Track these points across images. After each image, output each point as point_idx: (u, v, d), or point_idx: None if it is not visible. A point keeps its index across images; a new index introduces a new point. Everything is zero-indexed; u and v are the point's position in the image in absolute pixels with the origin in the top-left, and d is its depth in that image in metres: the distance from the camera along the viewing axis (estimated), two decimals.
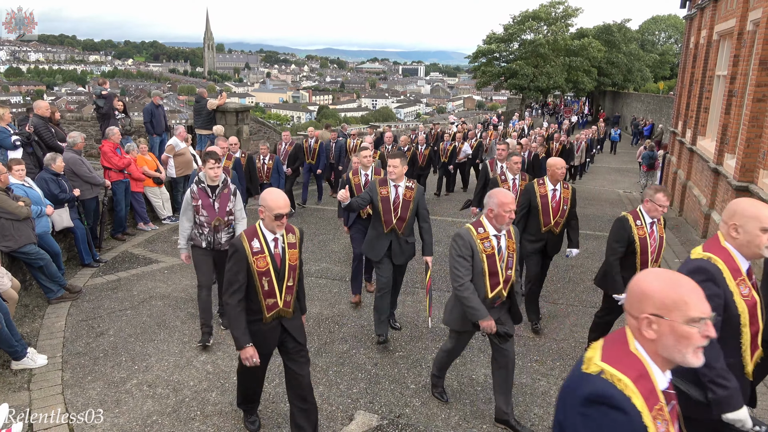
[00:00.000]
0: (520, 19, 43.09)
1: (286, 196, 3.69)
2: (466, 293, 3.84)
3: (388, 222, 5.35)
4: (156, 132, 11.23)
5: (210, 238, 5.19)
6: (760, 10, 8.29)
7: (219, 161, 5.16)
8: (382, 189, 5.37)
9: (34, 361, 4.88)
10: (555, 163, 5.75)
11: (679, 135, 14.11)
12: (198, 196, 5.13)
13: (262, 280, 3.57)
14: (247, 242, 3.57)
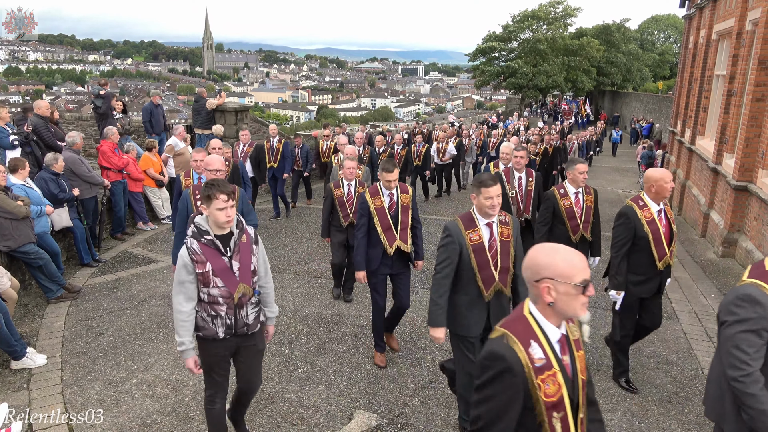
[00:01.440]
0: (519, 18, 43.13)
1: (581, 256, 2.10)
2: None
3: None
4: (155, 131, 11.23)
5: (230, 319, 3.36)
6: (759, 10, 8.30)
7: (232, 196, 3.23)
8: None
9: (34, 361, 4.88)
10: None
11: (678, 134, 14.12)
12: (204, 257, 3.24)
13: None
14: None
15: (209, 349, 3.39)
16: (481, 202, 3.59)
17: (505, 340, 1.99)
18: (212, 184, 3.18)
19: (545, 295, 1.99)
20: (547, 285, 1.97)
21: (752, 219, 8.13)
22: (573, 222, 5.44)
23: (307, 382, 4.73)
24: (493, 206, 3.55)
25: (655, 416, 4.36)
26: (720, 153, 9.71)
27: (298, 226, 10.17)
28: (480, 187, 3.57)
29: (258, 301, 3.49)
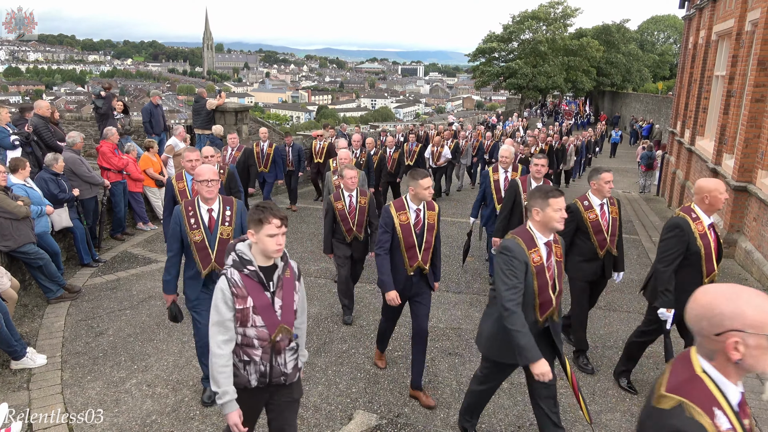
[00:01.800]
0: (519, 19, 43.16)
1: None
2: None
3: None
4: (155, 132, 11.24)
5: (264, 366, 2.88)
6: (759, 11, 8.31)
7: (285, 221, 2.80)
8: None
9: (34, 361, 4.89)
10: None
11: (677, 135, 14.13)
12: (245, 291, 2.77)
13: None
14: None
15: (238, 399, 2.85)
16: (549, 216, 3.24)
17: (688, 414, 1.63)
18: (264, 207, 2.75)
19: (732, 352, 1.64)
20: (736, 339, 1.62)
21: (751, 219, 8.14)
22: (600, 236, 4.98)
23: (307, 383, 4.73)
24: (562, 219, 3.25)
25: None
26: (719, 153, 9.72)
27: (298, 226, 10.17)
28: (547, 198, 3.22)
29: (296, 346, 2.99)
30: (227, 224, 4.14)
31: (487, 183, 7.10)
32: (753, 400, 4.58)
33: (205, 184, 4.03)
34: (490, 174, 7.09)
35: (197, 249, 4.09)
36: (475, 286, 7.22)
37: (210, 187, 4.03)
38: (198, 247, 4.09)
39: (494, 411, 4.38)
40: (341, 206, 5.75)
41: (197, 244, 4.08)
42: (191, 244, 4.08)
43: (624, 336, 5.78)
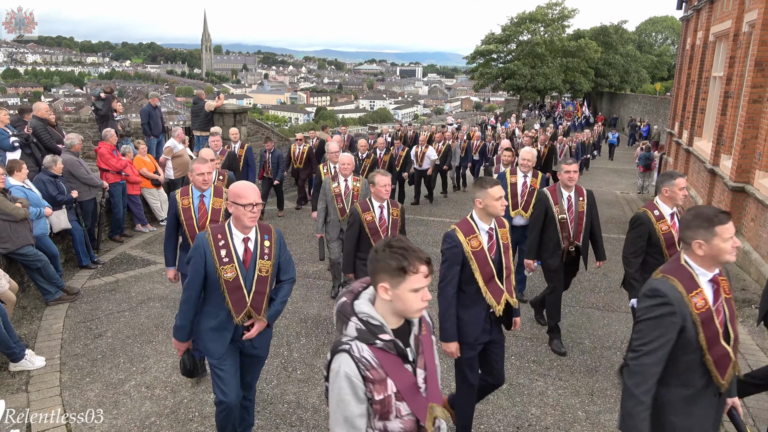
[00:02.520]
0: (517, 20, 43.24)
1: None
2: None
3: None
4: (153, 133, 11.24)
5: None
6: (756, 12, 8.33)
7: (432, 267, 2.02)
8: None
9: (32, 363, 4.88)
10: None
11: (675, 136, 14.16)
12: (383, 372, 1.95)
13: None
14: None
15: None
16: (718, 249, 2.47)
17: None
18: (404, 249, 1.94)
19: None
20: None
21: (749, 220, 8.15)
22: (672, 251, 4.28)
23: (306, 384, 4.73)
24: (734, 250, 2.50)
25: None
26: (717, 154, 9.74)
27: (296, 227, 10.18)
28: (713, 227, 2.46)
29: None
30: (266, 258, 3.36)
31: (503, 185, 6.33)
32: (751, 400, 4.59)
33: (249, 209, 3.19)
34: (507, 176, 6.40)
35: (229, 290, 3.28)
36: None
37: (254, 213, 3.22)
38: (230, 287, 3.28)
39: (493, 412, 4.38)
40: (371, 218, 5.09)
41: (229, 284, 3.28)
42: (221, 283, 3.28)
43: (622, 336, 5.79)
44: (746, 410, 4.44)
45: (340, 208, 6.33)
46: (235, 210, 3.22)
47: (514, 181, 6.38)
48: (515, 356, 5.33)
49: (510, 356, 5.33)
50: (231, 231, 3.30)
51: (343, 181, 6.31)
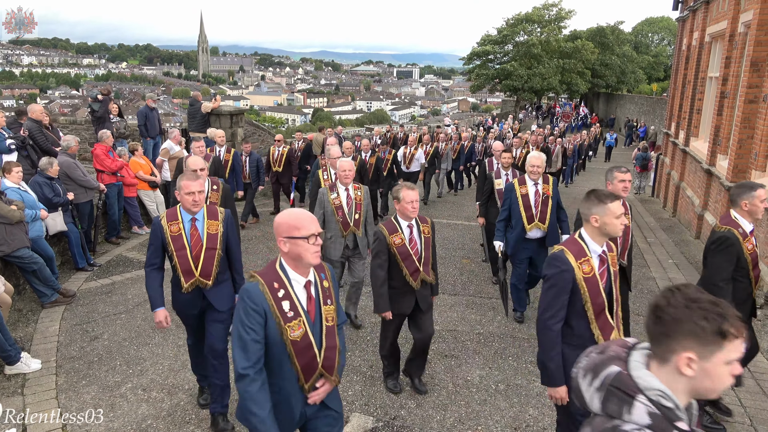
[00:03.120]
0: (513, 21, 43.31)
1: None
2: None
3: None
4: (150, 135, 11.22)
5: None
6: (751, 12, 8.35)
7: None
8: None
9: (28, 366, 4.86)
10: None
11: (672, 136, 14.18)
12: None
13: None
14: None
15: None
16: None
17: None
18: (716, 303, 1.47)
19: None
20: None
21: None
22: (756, 271, 3.97)
23: None
24: None
25: None
26: (713, 154, 9.76)
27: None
28: None
29: None
30: (329, 302, 2.69)
31: (513, 198, 5.94)
32: (749, 400, 4.59)
33: (312, 241, 2.53)
34: (515, 187, 5.94)
35: (297, 352, 2.55)
36: (471, 289, 7.22)
37: (317, 246, 2.57)
38: (299, 348, 2.55)
39: (491, 413, 4.38)
40: (400, 241, 4.21)
41: (297, 344, 2.54)
42: (287, 346, 2.52)
43: None
44: (744, 410, 4.45)
45: (342, 222, 5.51)
46: (293, 247, 2.52)
47: (525, 191, 5.90)
48: (512, 357, 5.33)
49: (507, 357, 5.33)
50: (288, 275, 2.58)
51: (344, 191, 5.52)
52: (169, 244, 3.82)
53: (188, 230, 3.86)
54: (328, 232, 5.60)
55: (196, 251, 3.84)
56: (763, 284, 7.04)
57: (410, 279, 4.23)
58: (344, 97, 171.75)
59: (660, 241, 10.04)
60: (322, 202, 5.58)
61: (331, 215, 5.54)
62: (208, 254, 3.87)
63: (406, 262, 4.23)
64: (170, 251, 3.84)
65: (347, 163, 5.53)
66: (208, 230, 3.89)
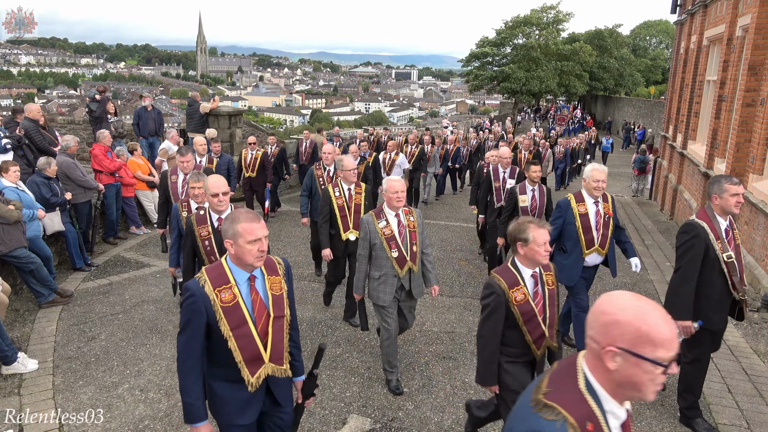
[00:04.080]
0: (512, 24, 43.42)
1: None
2: None
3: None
4: (141, 134, 11.18)
5: None
6: (749, 16, 8.38)
7: None
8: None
9: (25, 366, 4.85)
10: None
11: (670, 139, 14.22)
12: None
13: None
14: None
15: None
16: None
17: None
18: None
19: None
20: None
21: (743, 223, 8.19)
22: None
23: None
24: None
25: (648, 419, 4.38)
26: (711, 157, 9.78)
27: (291, 230, 10.15)
28: None
29: None
30: None
31: (569, 217, 5.03)
32: (746, 403, 4.60)
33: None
34: (572, 205, 5.02)
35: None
36: (468, 290, 7.22)
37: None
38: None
39: None
40: (522, 297, 3.30)
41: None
42: None
43: None
44: (740, 413, 4.46)
45: (398, 258, 4.48)
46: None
47: (584, 210, 4.99)
48: None
49: None
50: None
51: (394, 217, 4.49)
52: (222, 321, 2.61)
53: (247, 296, 2.71)
54: (376, 270, 4.49)
55: (262, 325, 2.73)
56: (760, 288, 7.06)
57: (532, 345, 3.39)
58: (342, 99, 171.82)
59: (657, 243, 10.06)
60: (367, 233, 4.48)
61: (381, 249, 4.45)
62: (277, 326, 2.77)
63: (529, 325, 3.46)
64: (223, 331, 2.63)
65: (398, 183, 4.39)
66: (271, 291, 2.78)
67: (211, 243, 4.25)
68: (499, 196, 7.66)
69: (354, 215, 5.80)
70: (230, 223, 2.65)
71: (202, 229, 3.96)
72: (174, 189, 6.51)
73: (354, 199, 5.82)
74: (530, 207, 6.42)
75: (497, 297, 3.27)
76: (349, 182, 5.78)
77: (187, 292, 2.67)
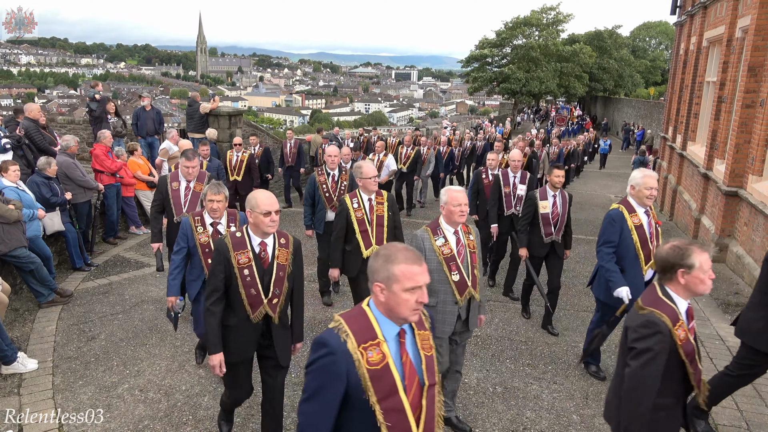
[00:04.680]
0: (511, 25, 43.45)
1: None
2: None
3: None
4: (140, 134, 11.18)
5: None
6: (749, 17, 8.39)
7: None
8: None
9: (25, 366, 4.85)
10: None
11: (669, 140, 14.23)
12: None
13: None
14: None
15: None
16: None
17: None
18: None
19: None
20: None
21: (742, 224, 8.20)
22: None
23: (300, 387, 4.71)
24: None
25: None
26: (711, 159, 9.79)
27: (290, 230, 10.15)
28: None
29: None
30: None
31: (625, 231, 4.57)
32: (745, 404, 4.61)
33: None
34: (626, 216, 4.56)
35: None
36: None
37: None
38: None
39: (488, 415, 4.38)
40: (684, 336, 2.77)
41: None
42: None
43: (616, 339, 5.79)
44: (740, 414, 4.46)
45: (458, 284, 3.84)
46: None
47: (638, 222, 4.56)
48: (510, 360, 5.34)
49: (505, 360, 5.33)
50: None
51: (453, 235, 3.89)
52: (369, 390, 2.10)
53: (396, 356, 2.22)
54: (433, 295, 3.79)
55: (414, 396, 2.29)
56: None
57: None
58: (342, 99, 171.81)
59: None
60: (423, 251, 3.83)
61: (437, 272, 3.80)
62: (430, 397, 2.25)
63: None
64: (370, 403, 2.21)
65: (462, 195, 3.83)
66: (423, 351, 2.29)
67: (252, 273, 3.43)
68: (509, 203, 7.09)
69: (377, 229, 5.15)
70: (384, 262, 2.09)
71: (240, 255, 3.34)
72: (175, 198, 5.65)
73: (376, 210, 5.17)
74: (551, 214, 5.84)
75: (663, 338, 2.66)
76: (370, 191, 5.17)
77: (322, 348, 2.13)
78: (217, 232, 4.52)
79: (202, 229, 4.50)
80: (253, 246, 3.41)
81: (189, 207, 5.57)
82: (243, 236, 3.39)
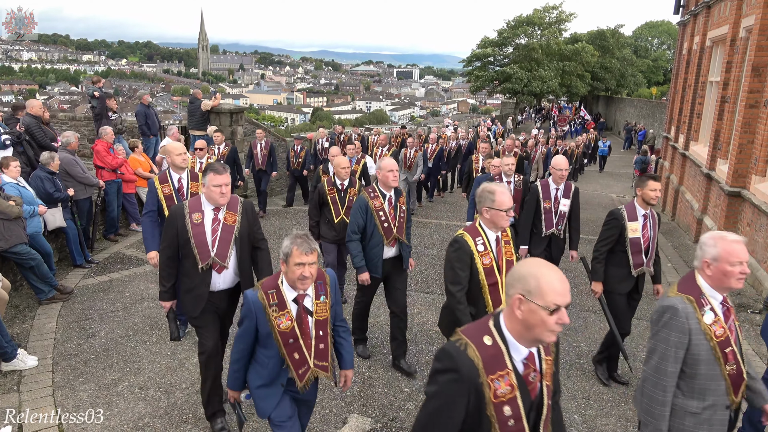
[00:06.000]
0: (514, 24, 43.37)
1: None
2: None
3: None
4: (152, 133, 11.19)
5: None
6: (753, 17, 8.36)
7: None
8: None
9: (24, 363, 4.83)
10: None
11: (672, 140, 14.19)
12: None
13: None
14: None
15: None
16: None
17: None
18: None
19: None
20: None
21: (745, 225, 8.17)
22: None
23: None
24: None
25: None
26: (713, 159, 9.76)
27: (292, 229, 10.12)
28: None
29: None
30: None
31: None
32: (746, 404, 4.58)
33: None
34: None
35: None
36: None
37: None
38: None
39: None
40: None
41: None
42: None
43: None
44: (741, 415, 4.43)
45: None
46: None
47: None
48: None
49: None
50: None
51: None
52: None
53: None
54: (697, 398, 2.75)
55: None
56: (762, 290, 7.04)
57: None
58: (344, 97, 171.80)
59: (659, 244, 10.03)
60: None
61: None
62: None
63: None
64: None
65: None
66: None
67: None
68: (549, 220, 5.86)
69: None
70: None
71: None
72: (198, 237, 3.79)
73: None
74: (642, 239, 4.68)
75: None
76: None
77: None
78: (305, 310, 3.01)
79: (279, 311, 2.95)
80: None
81: (219, 249, 3.83)
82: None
